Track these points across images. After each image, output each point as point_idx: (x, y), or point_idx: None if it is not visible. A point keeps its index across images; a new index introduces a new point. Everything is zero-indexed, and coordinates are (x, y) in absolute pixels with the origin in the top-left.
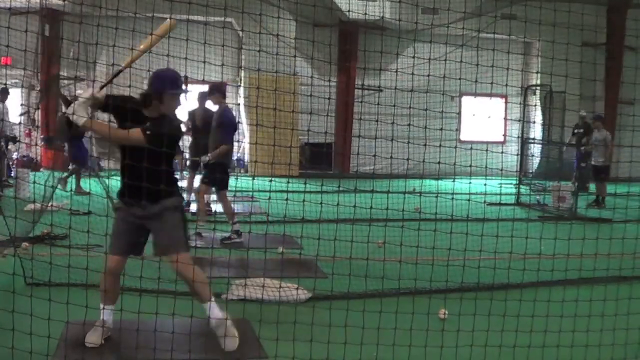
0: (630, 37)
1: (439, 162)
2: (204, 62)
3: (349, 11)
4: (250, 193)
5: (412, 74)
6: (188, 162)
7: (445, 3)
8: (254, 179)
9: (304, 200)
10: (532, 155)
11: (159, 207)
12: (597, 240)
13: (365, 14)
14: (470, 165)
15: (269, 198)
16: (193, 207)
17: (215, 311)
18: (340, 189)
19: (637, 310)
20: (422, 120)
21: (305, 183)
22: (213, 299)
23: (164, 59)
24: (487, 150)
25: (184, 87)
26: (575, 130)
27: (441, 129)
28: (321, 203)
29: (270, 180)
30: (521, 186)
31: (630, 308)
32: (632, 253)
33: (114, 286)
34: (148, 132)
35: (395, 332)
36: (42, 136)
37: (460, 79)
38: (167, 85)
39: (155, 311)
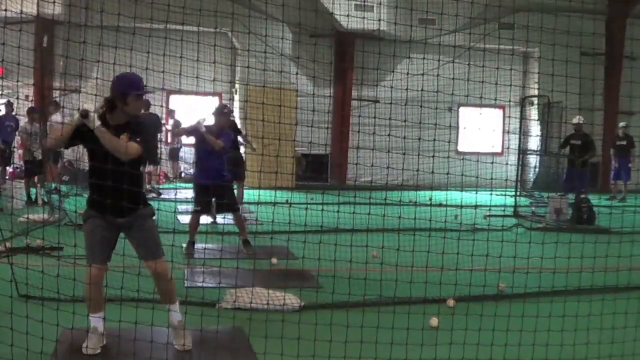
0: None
1: (447, 174)
2: (196, 77)
3: (347, 16)
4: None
5: (407, 88)
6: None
7: (444, 11)
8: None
9: (306, 209)
10: (535, 167)
11: (139, 215)
12: (607, 250)
13: (364, 17)
14: (478, 177)
15: (258, 203)
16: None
17: (178, 313)
18: (335, 200)
19: None
20: (419, 131)
21: (306, 193)
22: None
23: (159, 74)
24: (492, 163)
25: (145, 88)
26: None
27: (447, 141)
28: (322, 210)
29: (258, 189)
30: (520, 198)
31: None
32: None
33: (99, 294)
34: (138, 140)
35: (391, 346)
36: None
37: (467, 82)
38: (130, 86)
39: (150, 321)
